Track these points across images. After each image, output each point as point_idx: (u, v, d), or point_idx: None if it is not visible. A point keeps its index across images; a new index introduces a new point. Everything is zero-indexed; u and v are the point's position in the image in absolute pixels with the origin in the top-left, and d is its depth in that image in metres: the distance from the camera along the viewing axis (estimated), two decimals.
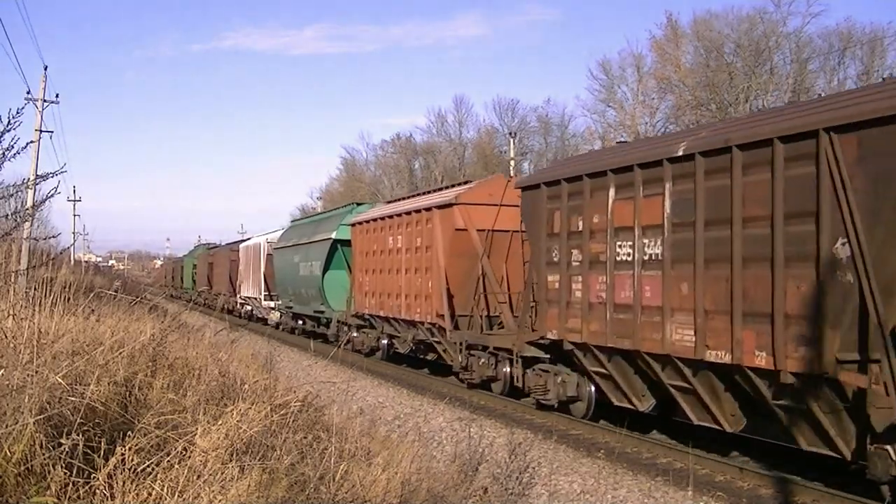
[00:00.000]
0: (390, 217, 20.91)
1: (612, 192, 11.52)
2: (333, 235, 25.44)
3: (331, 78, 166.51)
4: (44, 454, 4.55)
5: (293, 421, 6.75)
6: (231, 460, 5.11)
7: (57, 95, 29.87)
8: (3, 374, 5.07)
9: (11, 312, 6.83)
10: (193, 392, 6.62)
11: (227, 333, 15.71)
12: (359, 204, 27.57)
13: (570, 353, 12.78)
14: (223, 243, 60.77)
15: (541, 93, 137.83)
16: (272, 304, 35.36)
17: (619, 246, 11.37)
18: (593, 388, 12.91)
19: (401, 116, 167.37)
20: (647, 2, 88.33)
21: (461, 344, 16.67)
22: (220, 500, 4.74)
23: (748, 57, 43.53)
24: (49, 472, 4.50)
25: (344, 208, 28.25)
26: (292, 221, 39.42)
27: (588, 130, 55.65)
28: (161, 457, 4.81)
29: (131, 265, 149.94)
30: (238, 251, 42.66)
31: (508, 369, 15.23)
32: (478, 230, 17.14)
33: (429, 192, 21.45)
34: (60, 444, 4.55)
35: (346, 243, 24.77)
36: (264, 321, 36.85)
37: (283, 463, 5.56)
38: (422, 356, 21.07)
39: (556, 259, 12.89)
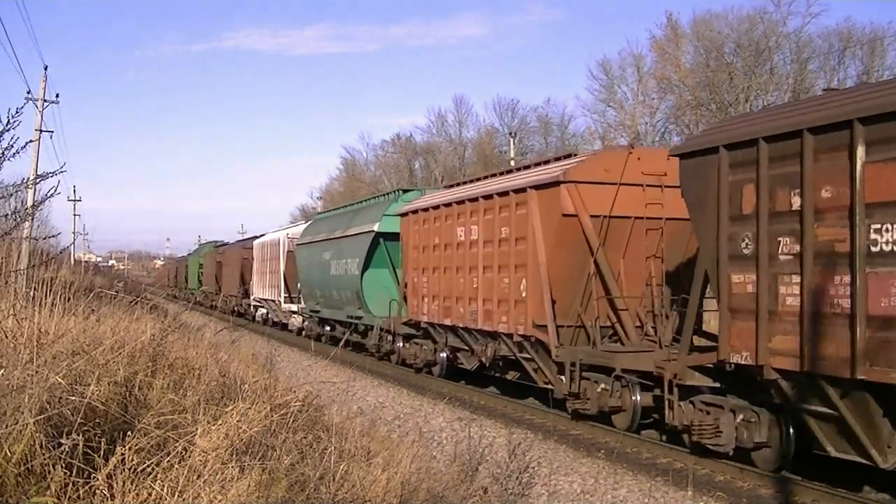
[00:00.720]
0: (460, 203, 16.94)
1: (860, 151, 8.14)
2: (376, 227, 21.53)
3: (331, 78, 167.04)
4: (44, 454, 4.55)
5: (293, 421, 6.75)
6: (231, 460, 5.11)
7: (57, 95, 29.82)
8: (3, 374, 5.07)
9: (12, 312, 6.83)
10: (193, 392, 6.61)
11: (227, 333, 15.70)
12: (405, 191, 23.30)
13: (769, 385, 9.32)
14: (234, 241, 56.93)
15: (541, 93, 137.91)
16: (293, 307, 31.60)
17: (877, 230, 7.97)
18: (791, 431, 9.63)
19: (401, 116, 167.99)
20: (647, 2, 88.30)
21: (571, 364, 13.02)
22: (220, 500, 4.74)
23: (748, 57, 43.51)
24: (49, 472, 4.49)
25: (387, 196, 24.16)
26: (317, 214, 34.88)
27: (588, 130, 55.59)
28: (161, 457, 4.81)
29: (131, 265, 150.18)
30: (252, 248, 39.18)
31: (638, 398, 12.07)
32: (591, 216, 13.44)
33: (515, 171, 17.06)
34: (60, 444, 4.55)
35: (390, 237, 21.16)
36: (283, 326, 33.73)
37: (283, 463, 5.56)
38: (496, 375, 17.17)
39: (746, 251, 9.48)
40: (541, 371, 14.43)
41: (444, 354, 18.50)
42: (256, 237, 41.16)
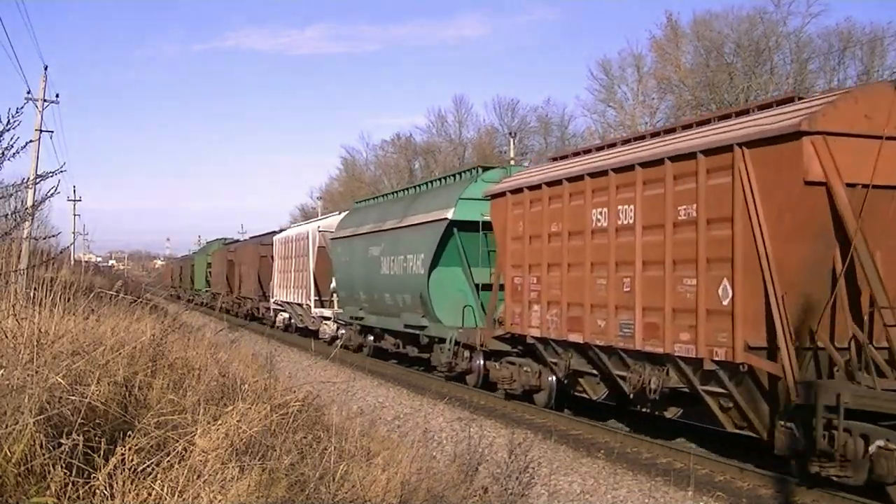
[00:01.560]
0: (597, 174, 12.19)
1: None
2: (450, 215, 17.29)
3: (331, 78, 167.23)
4: (44, 454, 4.55)
5: (293, 421, 6.76)
6: (231, 460, 5.11)
7: (57, 95, 29.84)
8: (3, 374, 5.07)
9: (12, 312, 6.83)
10: (193, 392, 6.62)
11: (226, 333, 15.72)
12: (486, 168, 18.66)
13: None
14: (248, 237, 52.00)
15: (541, 93, 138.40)
16: (326, 312, 27.30)
17: None
18: None
19: (401, 116, 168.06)
20: (647, 2, 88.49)
21: (827, 409, 8.62)
22: (220, 500, 4.74)
23: (748, 57, 43.57)
24: (49, 472, 4.50)
25: (460, 176, 19.23)
26: (356, 202, 28.46)
27: (588, 130, 55.70)
28: (161, 457, 4.82)
29: (131, 265, 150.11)
30: (271, 245, 34.66)
31: None
32: (846, 185, 9.07)
33: (682, 129, 11.69)
34: (60, 444, 4.55)
35: (466, 227, 17.30)
36: (311, 333, 28.77)
37: (283, 463, 5.56)
38: (645, 410, 12.58)
39: None
40: (737, 411, 10.22)
41: (552, 378, 14.19)
42: (276, 232, 36.98)
